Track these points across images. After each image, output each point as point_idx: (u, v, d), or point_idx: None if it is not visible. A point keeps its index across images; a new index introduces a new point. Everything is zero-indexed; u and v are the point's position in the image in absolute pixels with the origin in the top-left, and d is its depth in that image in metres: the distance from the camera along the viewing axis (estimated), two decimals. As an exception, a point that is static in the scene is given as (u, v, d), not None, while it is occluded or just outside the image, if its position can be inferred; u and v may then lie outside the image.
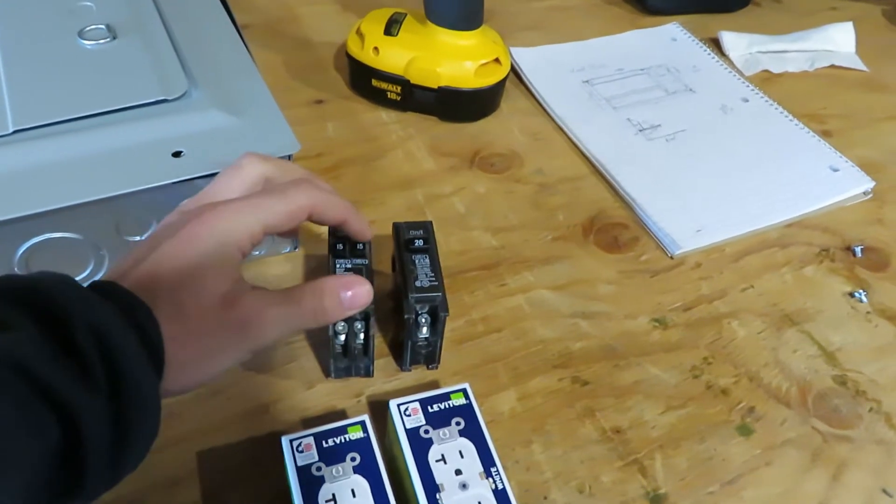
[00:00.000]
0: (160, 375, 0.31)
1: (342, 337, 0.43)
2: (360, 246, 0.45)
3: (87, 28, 0.50)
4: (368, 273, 0.44)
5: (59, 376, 0.26)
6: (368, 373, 0.45)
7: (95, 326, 0.28)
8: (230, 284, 0.35)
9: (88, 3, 0.52)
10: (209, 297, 0.34)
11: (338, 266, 0.43)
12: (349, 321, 0.42)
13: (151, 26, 0.51)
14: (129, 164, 0.43)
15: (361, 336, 0.43)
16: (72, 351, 0.27)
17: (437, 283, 0.43)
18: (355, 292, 0.37)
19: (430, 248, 0.45)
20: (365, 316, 0.42)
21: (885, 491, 0.42)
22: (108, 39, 0.49)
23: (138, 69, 0.48)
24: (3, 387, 0.25)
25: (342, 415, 0.44)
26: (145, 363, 0.29)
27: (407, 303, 0.43)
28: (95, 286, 0.31)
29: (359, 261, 0.44)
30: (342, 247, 0.45)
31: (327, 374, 0.45)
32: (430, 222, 0.47)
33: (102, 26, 0.50)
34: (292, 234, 0.48)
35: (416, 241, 0.45)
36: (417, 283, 0.43)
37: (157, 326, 0.31)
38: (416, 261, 0.45)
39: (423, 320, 0.44)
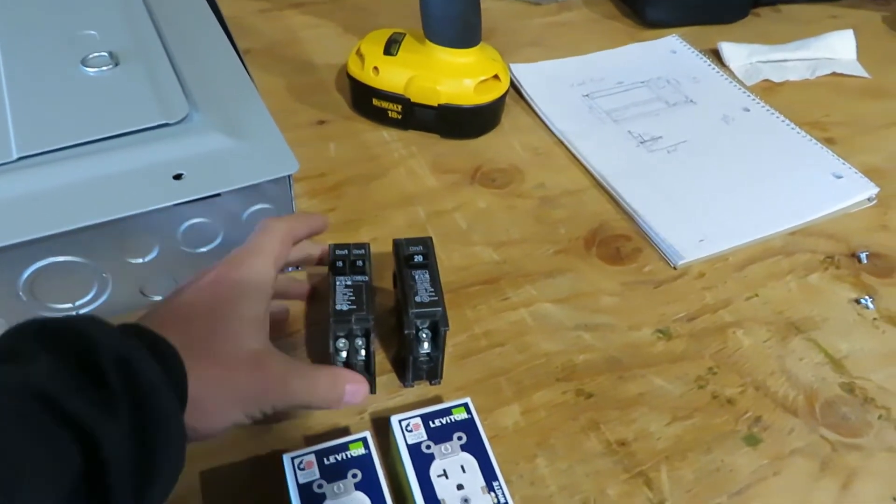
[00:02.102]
0: (183, 409, 0.32)
1: (343, 354, 0.43)
2: (359, 263, 0.45)
3: (90, 56, 0.51)
4: (369, 289, 0.44)
5: (81, 405, 0.27)
6: (371, 389, 0.45)
7: (121, 357, 0.29)
8: (261, 343, 0.37)
9: (92, 32, 0.53)
10: (241, 350, 0.36)
11: (338, 283, 0.44)
12: (350, 338, 0.42)
13: (153, 53, 0.52)
14: (131, 188, 0.43)
15: (363, 353, 0.43)
16: (97, 381, 0.28)
17: (437, 298, 0.43)
18: (356, 389, 0.39)
19: (429, 264, 0.45)
20: (365, 333, 0.42)
21: (896, 499, 0.42)
22: (110, 66, 0.50)
23: (140, 94, 0.48)
24: (25, 416, 0.26)
25: (345, 432, 0.44)
26: (169, 395, 0.30)
27: (407, 318, 0.43)
28: (120, 327, 0.32)
29: (359, 277, 0.44)
30: (342, 264, 0.45)
31: None
32: (430, 238, 0.47)
33: (105, 54, 0.51)
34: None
35: (416, 256, 0.46)
36: (417, 299, 0.43)
37: (180, 362, 0.32)
38: (416, 276, 0.45)
39: (424, 335, 0.44)
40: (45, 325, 0.30)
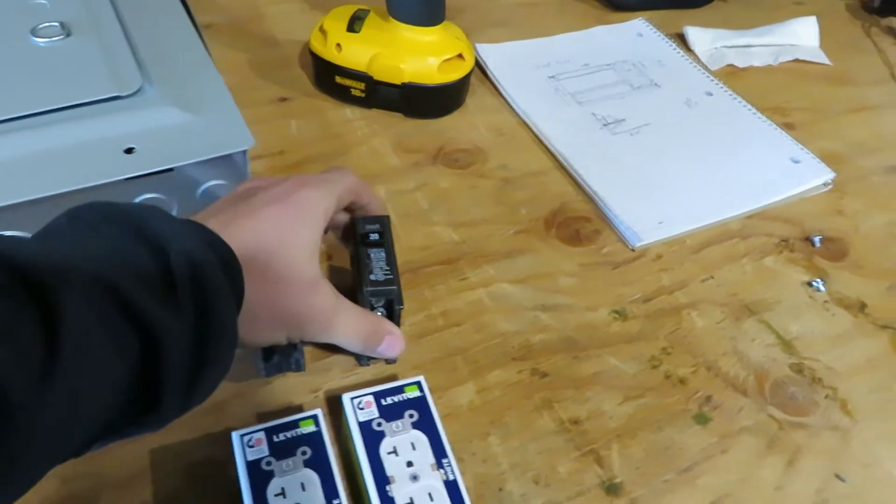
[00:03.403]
0: (238, 311, 0.32)
1: None
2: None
3: (41, 26, 0.49)
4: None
5: (146, 298, 0.27)
6: (299, 367, 0.44)
7: (192, 261, 0.29)
8: (315, 270, 0.38)
9: (42, 1, 0.52)
10: (299, 275, 0.37)
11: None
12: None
13: (106, 23, 0.51)
14: (81, 161, 0.42)
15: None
16: (162, 273, 0.29)
17: (392, 277, 0.43)
18: (393, 342, 0.43)
19: (385, 242, 0.45)
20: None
21: (838, 476, 0.43)
22: (61, 37, 0.49)
23: (92, 66, 0.47)
24: (90, 304, 0.26)
25: (299, 410, 0.43)
26: (231, 304, 0.31)
27: (362, 296, 0.43)
28: (185, 224, 0.33)
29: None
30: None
31: (257, 373, 0.44)
32: (387, 217, 0.47)
33: (56, 24, 0.49)
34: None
35: (372, 234, 0.45)
36: (372, 277, 0.43)
37: (240, 271, 0.33)
38: (372, 255, 0.45)
39: (379, 314, 0.44)
40: (115, 212, 0.31)
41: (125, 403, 0.28)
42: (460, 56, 0.64)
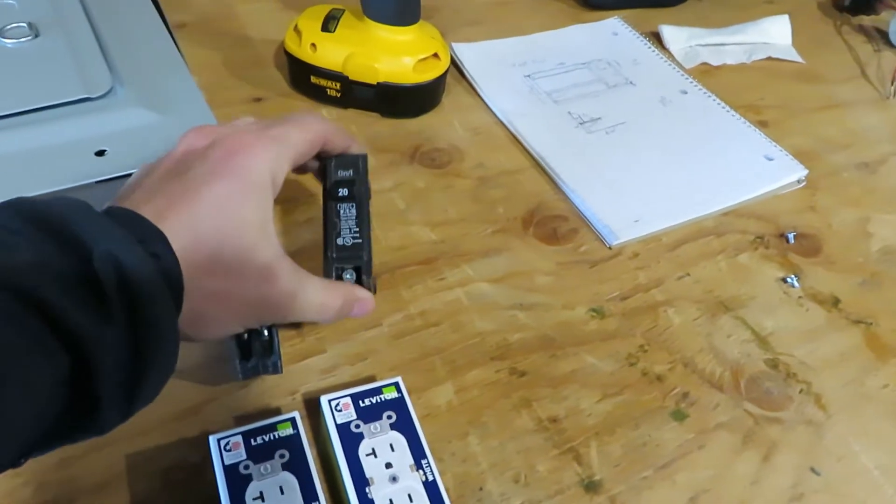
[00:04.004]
0: (178, 309, 0.30)
1: (244, 336, 0.41)
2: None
3: (8, 27, 0.49)
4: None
5: (69, 305, 0.26)
6: (277, 369, 0.43)
7: (117, 257, 0.27)
8: (270, 251, 0.35)
9: (10, 2, 0.51)
10: (251, 263, 0.34)
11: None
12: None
13: (76, 24, 0.50)
14: (51, 164, 0.42)
15: (265, 333, 0.41)
16: (88, 278, 0.27)
17: (360, 241, 0.39)
18: (363, 304, 0.40)
19: (356, 195, 0.40)
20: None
21: (813, 469, 0.43)
22: (29, 38, 0.48)
23: (61, 67, 0.47)
24: (8, 315, 0.24)
25: (277, 412, 0.43)
26: (167, 303, 0.29)
27: (327, 262, 0.39)
28: (113, 212, 0.31)
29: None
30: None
31: (234, 375, 0.43)
32: (364, 156, 0.42)
33: (24, 24, 0.49)
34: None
35: (341, 189, 0.40)
36: (339, 241, 0.39)
37: (177, 263, 0.30)
38: (341, 211, 0.40)
39: (347, 279, 0.41)
40: (32, 212, 0.28)
41: (62, 414, 0.27)
42: (436, 55, 0.64)
